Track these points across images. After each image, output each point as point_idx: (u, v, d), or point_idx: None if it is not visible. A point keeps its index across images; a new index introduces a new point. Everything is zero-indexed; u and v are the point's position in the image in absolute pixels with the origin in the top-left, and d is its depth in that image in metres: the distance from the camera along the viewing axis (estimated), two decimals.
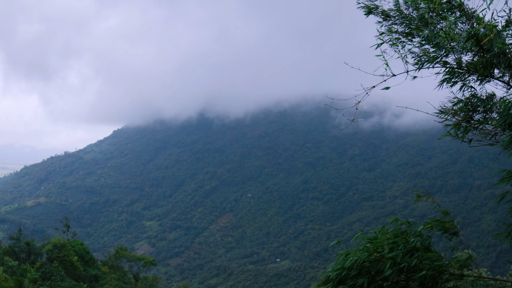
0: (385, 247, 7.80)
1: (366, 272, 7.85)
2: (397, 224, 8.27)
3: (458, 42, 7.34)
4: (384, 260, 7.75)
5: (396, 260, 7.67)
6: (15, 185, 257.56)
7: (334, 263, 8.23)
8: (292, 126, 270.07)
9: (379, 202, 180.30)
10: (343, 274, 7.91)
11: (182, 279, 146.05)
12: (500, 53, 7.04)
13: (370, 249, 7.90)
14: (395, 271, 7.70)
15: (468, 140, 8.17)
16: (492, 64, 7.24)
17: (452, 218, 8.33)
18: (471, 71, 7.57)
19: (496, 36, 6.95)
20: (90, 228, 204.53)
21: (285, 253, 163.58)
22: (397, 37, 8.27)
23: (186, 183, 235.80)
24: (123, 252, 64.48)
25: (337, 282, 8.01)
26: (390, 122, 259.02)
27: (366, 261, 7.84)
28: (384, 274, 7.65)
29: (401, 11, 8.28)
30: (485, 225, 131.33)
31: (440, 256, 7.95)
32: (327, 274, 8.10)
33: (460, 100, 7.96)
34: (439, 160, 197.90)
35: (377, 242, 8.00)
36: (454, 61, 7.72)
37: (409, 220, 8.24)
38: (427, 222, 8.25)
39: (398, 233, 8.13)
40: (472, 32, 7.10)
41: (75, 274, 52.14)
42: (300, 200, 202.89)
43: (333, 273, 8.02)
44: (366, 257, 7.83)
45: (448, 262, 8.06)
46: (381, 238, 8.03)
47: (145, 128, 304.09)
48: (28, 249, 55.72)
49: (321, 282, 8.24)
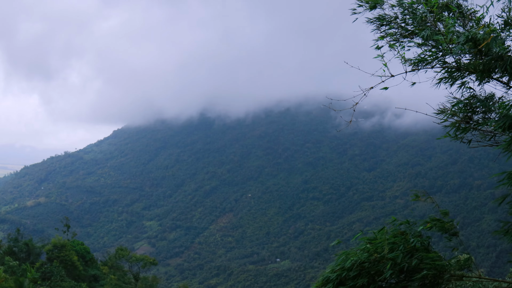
0: (385, 248, 7.79)
1: (366, 273, 7.83)
2: (397, 224, 8.26)
3: (456, 44, 7.33)
4: (384, 260, 7.74)
5: (396, 261, 7.65)
6: (15, 185, 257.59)
7: (334, 263, 8.20)
8: (292, 126, 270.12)
9: (379, 202, 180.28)
10: (343, 275, 7.89)
11: (182, 279, 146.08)
12: (497, 57, 7.04)
13: (370, 250, 7.89)
14: (395, 271, 7.68)
15: (467, 140, 8.16)
16: (490, 68, 7.24)
17: (452, 218, 8.33)
18: (470, 71, 7.57)
19: (493, 41, 6.96)
20: (90, 228, 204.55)
21: (285, 253, 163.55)
22: (396, 38, 8.29)
23: (186, 183, 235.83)
24: (123, 252, 64.44)
25: (337, 283, 7.98)
26: (391, 122, 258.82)
27: (366, 261, 7.83)
28: (384, 275, 7.64)
29: (397, 16, 8.31)
30: (485, 225, 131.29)
31: (440, 256, 7.94)
32: (327, 275, 8.06)
33: (460, 101, 7.95)
34: (439, 160, 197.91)
35: (377, 242, 7.98)
36: (453, 62, 7.72)
37: (408, 220, 8.24)
38: (426, 221, 8.23)
39: (398, 233, 8.11)
40: (470, 35, 7.10)
41: (75, 274, 52.14)
42: (300, 200, 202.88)
43: (333, 274, 7.98)
44: (366, 258, 7.82)
45: (448, 262, 8.05)
46: (381, 238, 8.03)
47: (145, 128, 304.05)
48: (27, 249, 55.72)
49: (319, 283, 8.21)
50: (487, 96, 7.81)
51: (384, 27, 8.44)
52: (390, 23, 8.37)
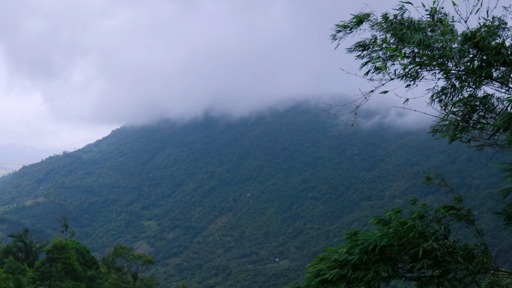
0: (415, 232, 7.33)
1: (387, 258, 7.31)
2: (418, 206, 7.89)
3: (455, 43, 7.35)
4: (411, 246, 7.29)
5: (425, 247, 7.24)
6: (14, 185, 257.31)
7: (347, 242, 7.66)
8: (291, 126, 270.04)
9: (378, 202, 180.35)
10: (364, 258, 7.28)
11: (181, 279, 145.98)
12: (495, 52, 7.05)
13: (397, 233, 7.39)
14: (426, 261, 7.21)
15: (466, 140, 8.14)
16: (488, 64, 7.25)
17: (467, 208, 8.12)
18: (469, 72, 7.58)
19: (488, 35, 6.97)
20: (89, 228, 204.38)
21: (284, 252, 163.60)
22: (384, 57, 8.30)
23: (185, 182, 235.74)
24: (121, 250, 64.33)
25: (353, 266, 7.32)
26: (393, 120, 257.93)
27: (394, 245, 7.33)
28: (421, 263, 7.13)
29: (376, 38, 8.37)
30: (484, 225, 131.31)
31: (466, 245, 7.61)
32: (343, 257, 7.39)
33: (460, 100, 7.95)
34: (438, 160, 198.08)
35: (404, 225, 7.49)
36: (453, 66, 7.74)
37: (425, 204, 7.89)
38: (445, 206, 7.87)
39: (417, 216, 7.74)
40: (468, 34, 7.11)
41: (74, 275, 52.08)
42: (299, 199, 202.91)
43: (352, 256, 7.34)
44: (392, 241, 7.31)
45: (478, 252, 7.73)
46: (411, 221, 7.60)
47: (144, 127, 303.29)
48: (26, 249, 55.71)
49: (330, 263, 7.58)
50: (485, 95, 7.81)
51: (366, 51, 8.48)
52: (371, 46, 8.41)
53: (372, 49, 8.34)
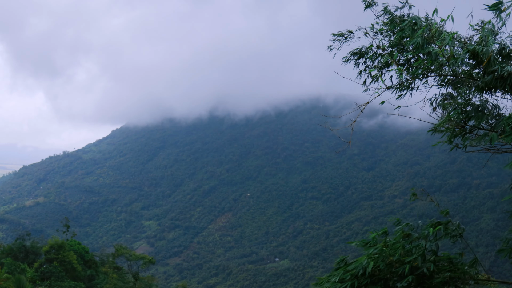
0: (400, 251, 7.49)
1: (377, 279, 7.50)
2: (402, 226, 8.02)
3: (457, 56, 7.32)
4: (397, 265, 7.43)
5: (412, 264, 7.36)
6: (14, 185, 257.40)
7: (338, 269, 7.82)
8: (291, 126, 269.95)
9: (378, 202, 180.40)
10: (355, 284, 7.46)
11: (181, 279, 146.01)
12: (499, 77, 7.04)
13: (386, 253, 7.57)
14: (414, 278, 7.36)
15: (463, 145, 8.12)
16: (492, 87, 7.25)
17: (449, 219, 8.16)
18: (468, 79, 7.58)
19: (492, 62, 6.98)
20: (89, 227, 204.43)
21: (284, 252, 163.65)
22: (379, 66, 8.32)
23: (185, 182, 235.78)
24: (122, 250, 64.32)
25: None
26: (395, 119, 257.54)
27: (376, 267, 7.50)
28: (407, 279, 7.28)
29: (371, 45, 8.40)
30: (484, 224, 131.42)
31: (450, 258, 7.73)
32: (337, 286, 7.52)
33: (454, 109, 7.96)
34: (438, 159, 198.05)
35: (391, 244, 7.65)
36: (450, 73, 7.76)
37: (409, 223, 7.99)
38: (432, 224, 7.94)
39: (403, 235, 7.88)
40: (469, 48, 7.12)
41: (74, 275, 52.09)
42: (299, 199, 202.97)
43: (344, 284, 7.51)
44: (381, 262, 7.49)
45: (466, 265, 7.81)
46: (396, 240, 7.74)
47: (147, 127, 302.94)
48: (25, 249, 55.76)
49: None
50: (482, 101, 7.78)
51: (362, 59, 8.52)
52: (366, 54, 8.44)
53: (368, 56, 8.40)
